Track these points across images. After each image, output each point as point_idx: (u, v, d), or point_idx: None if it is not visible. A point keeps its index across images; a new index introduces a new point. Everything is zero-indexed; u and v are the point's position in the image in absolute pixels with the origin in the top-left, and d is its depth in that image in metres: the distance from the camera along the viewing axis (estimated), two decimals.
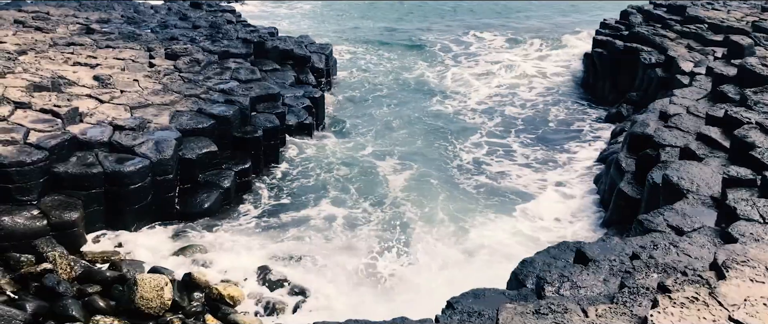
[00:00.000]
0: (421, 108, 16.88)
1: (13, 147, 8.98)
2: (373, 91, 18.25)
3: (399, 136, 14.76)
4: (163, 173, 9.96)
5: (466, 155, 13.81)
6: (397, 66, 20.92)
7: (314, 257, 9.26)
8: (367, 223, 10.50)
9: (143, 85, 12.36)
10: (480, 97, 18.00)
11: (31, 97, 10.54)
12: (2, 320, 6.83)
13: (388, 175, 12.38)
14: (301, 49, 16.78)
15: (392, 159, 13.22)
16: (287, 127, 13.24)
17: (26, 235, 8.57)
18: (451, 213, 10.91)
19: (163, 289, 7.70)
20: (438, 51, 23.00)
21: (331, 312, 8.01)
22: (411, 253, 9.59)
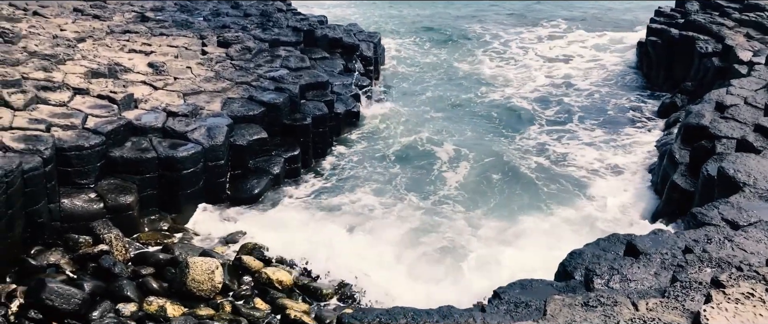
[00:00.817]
0: (473, 96, 16.75)
1: (72, 132, 9.28)
2: (422, 78, 18.18)
3: (450, 122, 14.70)
4: (214, 159, 10.16)
5: (520, 141, 13.72)
6: (447, 54, 20.77)
7: (362, 244, 9.32)
8: (418, 210, 10.53)
9: (196, 73, 12.60)
10: (533, 86, 17.75)
11: (89, 84, 10.86)
12: (62, 298, 7.09)
13: (439, 160, 12.43)
14: (349, 38, 16.83)
15: (445, 143, 13.23)
16: (335, 115, 13.33)
17: (84, 217, 8.87)
18: (505, 199, 10.88)
19: (214, 272, 7.88)
20: (488, 40, 22.73)
21: (377, 298, 8.08)
22: (461, 240, 9.58)
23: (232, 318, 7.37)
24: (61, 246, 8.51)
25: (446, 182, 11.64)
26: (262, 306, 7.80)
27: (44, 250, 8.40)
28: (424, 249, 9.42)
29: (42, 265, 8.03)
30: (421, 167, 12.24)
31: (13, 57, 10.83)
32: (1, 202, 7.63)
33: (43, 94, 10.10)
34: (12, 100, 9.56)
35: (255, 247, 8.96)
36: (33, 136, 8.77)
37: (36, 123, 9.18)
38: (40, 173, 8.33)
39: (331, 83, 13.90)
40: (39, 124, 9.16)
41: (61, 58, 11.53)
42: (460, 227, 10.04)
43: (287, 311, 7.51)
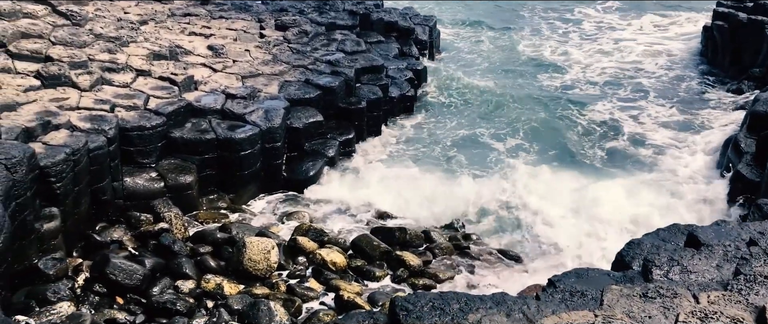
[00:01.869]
0: (533, 79, 16.54)
1: (134, 112, 9.54)
2: (479, 63, 17.97)
3: (510, 103, 14.55)
4: (271, 141, 10.31)
5: (588, 123, 13.55)
6: (506, 39, 20.45)
7: (417, 229, 9.34)
8: (473, 193, 10.50)
9: (254, 56, 12.78)
10: (597, 68, 17.41)
11: (151, 65, 11.13)
12: (125, 273, 7.33)
13: (500, 140, 12.35)
14: (405, 21, 16.78)
15: (505, 124, 13.13)
16: (390, 98, 13.35)
17: (145, 195, 9.14)
18: (568, 182, 10.78)
19: (270, 252, 8.03)
20: (550, 25, 22.34)
21: (432, 285, 8.09)
22: (518, 225, 9.53)
23: (286, 297, 7.50)
24: (124, 223, 8.79)
25: (508, 161, 11.60)
26: (316, 286, 7.92)
27: (108, 226, 8.69)
28: (481, 234, 9.40)
29: (106, 241, 8.30)
30: (480, 147, 12.20)
31: (80, 39, 11.18)
32: (68, 180, 7.92)
33: (107, 75, 10.41)
34: (79, 81, 9.89)
35: (310, 228, 9.07)
36: (98, 116, 9.06)
37: (101, 103, 9.47)
38: (104, 152, 8.61)
39: (386, 67, 13.91)
40: (104, 104, 9.45)
41: (124, 40, 11.85)
42: (521, 207, 10.00)
43: (340, 292, 7.61)
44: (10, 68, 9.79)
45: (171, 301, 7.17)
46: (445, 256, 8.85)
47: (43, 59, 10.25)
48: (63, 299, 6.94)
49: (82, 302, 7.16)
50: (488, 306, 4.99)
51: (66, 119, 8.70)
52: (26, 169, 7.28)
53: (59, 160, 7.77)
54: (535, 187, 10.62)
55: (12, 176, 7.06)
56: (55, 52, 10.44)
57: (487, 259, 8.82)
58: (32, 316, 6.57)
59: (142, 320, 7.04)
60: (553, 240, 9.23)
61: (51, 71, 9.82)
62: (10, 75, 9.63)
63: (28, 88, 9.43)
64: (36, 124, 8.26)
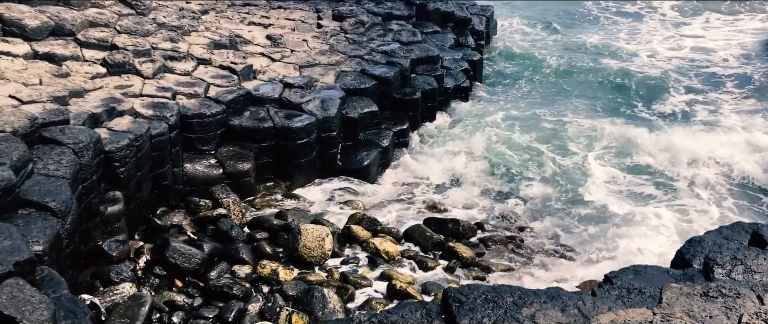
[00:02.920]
0: (595, 71, 16.16)
1: (195, 100, 9.77)
2: (539, 52, 17.70)
3: (572, 94, 14.35)
4: (327, 130, 10.41)
5: (658, 114, 13.25)
6: (567, 30, 20.09)
7: (471, 220, 9.30)
8: (530, 189, 10.41)
9: (311, 46, 12.91)
10: (666, 60, 16.98)
11: (211, 54, 11.37)
12: (184, 257, 7.54)
13: (562, 132, 12.16)
14: (461, 11, 16.65)
15: (566, 115, 12.95)
16: (445, 89, 13.29)
17: (205, 181, 9.36)
18: (631, 173, 10.59)
19: (324, 239, 8.13)
20: (611, 18, 21.84)
21: (484, 277, 8.07)
22: (575, 221, 9.40)
23: (340, 285, 7.58)
24: (184, 208, 9.02)
25: (573, 155, 11.42)
26: (369, 275, 7.98)
27: (168, 211, 8.94)
28: (535, 231, 9.31)
29: (166, 225, 8.54)
30: (542, 141, 12.03)
31: (144, 28, 11.49)
32: (131, 165, 8.18)
33: (169, 63, 10.68)
34: (142, 68, 10.18)
35: (364, 217, 9.14)
36: (160, 103, 9.31)
37: (163, 91, 9.72)
38: (166, 139, 8.85)
39: (441, 58, 13.86)
40: (165, 91, 9.70)
41: (186, 29, 12.12)
42: (579, 200, 9.86)
43: (393, 281, 7.66)
44: (78, 56, 10.14)
45: (228, 285, 7.34)
46: (499, 248, 8.80)
47: (109, 47, 10.59)
48: (125, 280, 7.16)
49: (143, 284, 7.38)
50: (542, 300, 4.95)
51: (130, 106, 8.96)
52: (92, 153, 7.55)
53: (123, 146, 8.03)
54: (595, 180, 10.46)
55: (79, 160, 7.33)
56: (120, 41, 10.76)
57: (541, 252, 8.73)
58: (96, 295, 6.81)
59: (199, 303, 7.22)
60: (611, 236, 9.06)
61: (116, 59, 10.13)
62: (78, 62, 9.98)
63: (95, 75, 9.76)
64: (102, 111, 8.55)
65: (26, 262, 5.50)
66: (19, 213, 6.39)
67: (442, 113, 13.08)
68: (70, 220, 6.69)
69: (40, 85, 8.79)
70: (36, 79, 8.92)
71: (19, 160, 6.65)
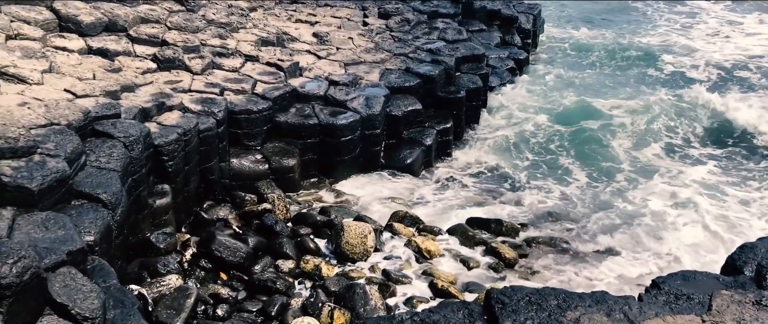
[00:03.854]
0: (645, 73, 15.86)
1: (242, 96, 9.90)
2: (585, 53, 17.43)
3: (620, 94, 14.08)
4: (371, 128, 10.45)
5: (712, 116, 12.94)
6: (615, 29, 19.74)
7: (514, 223, 9.23)
8: (578, 190, 10.26)
9: (357, 43, 12.96)
10: (720, 60, 16.56)
11: (258, 51, 11.51)
12: (229, 250, 7.66)
13: (605, 140, 11.96)
14: (508, 9, 16.51)
15: (614, 118, 12.74)
16: (490, 88, 13.20)
17: (250, 176, 9.49)
18: (684, 180, 10.37)
19: (367, 236, 8.16)
20: (662, 17, 21.38)
21: (527, 279, 8.00)
22: (626, 225, 9.24)
23: (382, 281, 7.61)
24: (229, 202, 9.16)
25: (617, 160, 11.22)
26: (411, 273, 7.98)
27: (214, 205, 9.09)
28: (584, 233, 9.18)
29: (212, 219, 8.69)
30: (584, 145, 11.85)
31: (194, 25, 11.70)
32: (179, 159, 8.34)
33: (218, 59, 10.85)
34: (192, 64, 10.37)
35: (406, 215, 9.15)
36: (208, 98, 9.47)
37: (211, 87, 9.88)
38: (213, 134, 9.00)
39: (487, 56, 13.76)
40: (214, 87, 9.86)
41: (234, 26, 12.30)
42: (629, 204, 9.68)
43: (435, 280, 7.65)
44: (130, 51, 10.38)
45: (271, 279, 7.43)
46: (544, 248, 8.70)
47: (160, 43, 10.81)
48: (172, 272, 7.31)
49: (189, 276, 7.53)
50: (587, 304, 4.88)
51: (179, 101, 9.14)
52: (142, 147, 7.72)
53: (172, 140, 8.19)
54: (647, 180, 10.30)
55: (129, 153, 7.51)
56: (170, 37, 10.98)
57: (588, 253, 8.61)
58: (144, 286, 6.96)
59: (243, 296, 7.33)
60: (662, 240, 8.88)
61: (166, 55, 10.34)
62: (129, 58, 10.22)
63: (146, 70, 9.98)
64: (152, 105, 8.73)
65: (78, 251, 5.67)
66: (72, 204, 6.58)
67: (486, 110, 13.01)
68: (120, 211, 6.86)
69: (94, 79, 9.02)
70: (90, 73, 9.16)
71: (73, 153, 6.84)
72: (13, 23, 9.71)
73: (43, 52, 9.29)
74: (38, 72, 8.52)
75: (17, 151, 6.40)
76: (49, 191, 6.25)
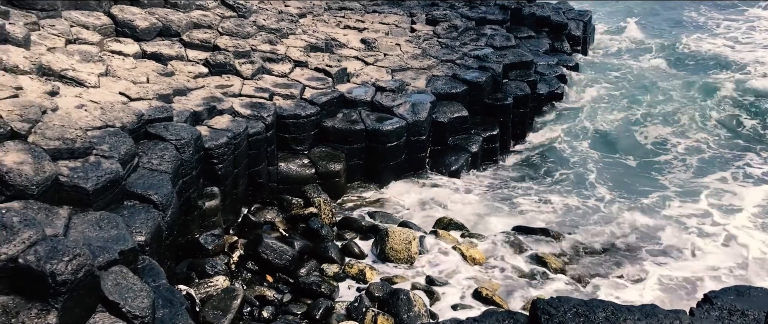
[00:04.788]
0: (704, 76, 15.43)
1: (291, 101, 10.03)
2: (638, 62, 17.10)
3: (670, 108, 13.74)
4: (417, 134, 10.45)
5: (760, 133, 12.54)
6: (669, 37, 19.31)
7: (560, 235, 9.10)
8: (626, 201, 10.06)
9: (404, 50, 13.00)
10: None
11: (307, 57, 11.64)
12: (276, 253, 7.74)
13: (656, 152, 11.67)
14: (558, 16, 16.33)
15: (658, 134, 12.44)
16: (538, 95, 13.06)
17: (297, 180, 9.59)
18: (741, 197, 10.08)
19: (411, 242, 8.16)
20: (717, 24, 20.84)
21: (573, 288, 7.88)
22: (676, 237, 9.02)
23: (426, 288, 7.59)
24: (277, 205, 9.28)
25: (664, 178, 10.91)
26: (455, 280, 7.94)
27: (262, 208, 9.21)
28: (634, 243, 9.01)
29: (259, 222, 8.79)
30: (630, 161, 11.57)
31: (245, 30, 11.90)
32: (229, 162, 8.48)
33: (267, 65, 11.02)
34: (242, 69, 10.55)
35: (451, 221, 9.12)
36: (258, 103, 9.61)
37: (261, 91, 10.04)
38: (262, 138, 9.13)
39: (535, 63, 13.63)
40: (263, 92, 10.01)
41: (284, 32, 12.47)
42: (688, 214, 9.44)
43: (479, 288, 7.60)
44: (182, 56, 10.62)
45: (316, 282, 7.49)
46: (593, 258, 8.55)
47: (212, 48, 11.03)
48: (219, 273, 7.43)
49: (236, 277, 7.64)
50: (637, 317, 4.78)
51: (229, 105, 9.30)
52: (193, 150, 7.88)
53: (222, 143, 8.34)
54: (701, 192, 10.05)
55: (180, 156, 7.67)
56: (222, 42, 11.19)
57: (639, 265, 8.42)
58: (192, 286, 7.09)
59: (288, 299, 7.40)
60: (716, 254, 8.65)
61: (218, 60, 10.55)
62: (182, 62, 10.45)
63: (198, 74, 10.19)
64: (203, 109, 8.91)
65: (130, 251, 5.81)
66: (125, 204, 6.75)
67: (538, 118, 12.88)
68: (171, 213, 7.01)
69: (147, 83, 9.26)
70: (144, 77, 9.41)
71: (126, 154, 7.03)
72: (73, 28, 10.04)
73: (100, 56, 9.57)
74: (95, 75, 8.78)
75: (74, 152, 6.60)
76: (103, 191, 6.43)
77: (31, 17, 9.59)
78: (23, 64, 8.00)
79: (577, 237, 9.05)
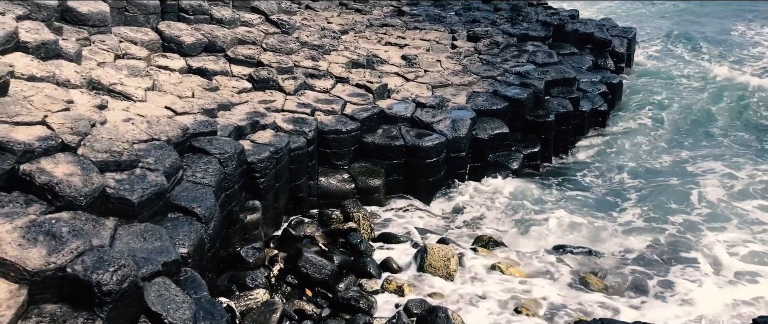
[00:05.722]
0: (746, 106, 15.00)
1: (332, 117, 10.12)
2: (683, 81, 16.77)
3: (715, 137, 13.38)
4: (456, 150, 10.44)
5: None
6: (715, 57, 18.89)
7: (601, 253, 8.96)
8: (668, 228, 9.80)
9: (445, 66, 13.02)
10: None
11: (349, 73, 11.75)
12: (315, 267, 7.79)
13: (697, 179, 11.30)
14: (601, 33, 16.17)
15: (704, 159, 12.09)
16: (580, 112, 12.93)
17: (337, 195, 9.65)
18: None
19: (450, 260, 8.12)
20: (760, 42, 20.35)
21: (615, 309, 7.74)
22: (718, 265, 8.77)
23: (464, 305, 7.53)
24: (316, 220, 9.34)
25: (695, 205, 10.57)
26: (495, 298, 7.86)
27: (302, 222, 9.28)
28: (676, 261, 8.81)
29: (300, 236, 8.86)
30: (668, 189, 11.22)
31: (288, 46, 12.08)
32: (271, 176, 8.59)
33: (310, 80, 11.15)
34: (285, 85, 10.70)
35: (490, 239, 9.05)
36: (300, 118, 9.73)
37: (303, 107, 10.16)
38: (303, 152, 9.23)
39: (578, 80, 13.50)
40: (305, 108, 10.13)
41: (326, 48, 12.62)
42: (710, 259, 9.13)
43: (519, 307, 7.51)
44: (227, 71, 10.83)
45: (355, 298, 7.49)
46: (637, 278, 8.38)
47: (255, 64, 11.22)
48: (259, 286, 7.50)
49: (276, 291, 7.70)
50: None
51: (272, 120, 9.44)
52: (236, 164, 8.01)
53: (264, 158, 8.46)
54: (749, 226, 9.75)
55: (224, 170, 7.80)
56: (265, 58, 11.38)
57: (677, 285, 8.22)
58: (232, 298, 7.17)
59: (327, 314, 7.41)
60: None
61: (261, 75, 10.72)
62: (227, 77, 10.65)
63: (241, 90, 10.37)
64: (246, 124, 9.05)
65: (173, 262, 5.92)
66: (168, 216, 6.88)
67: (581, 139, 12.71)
68: (213, 225, 7.12)
69: (193, 97, 9.46)
70: (189, 92, 9.61)
71: (171, 167, 7.17)
72: (122, 43, 10.33)
73: (148, 70, 9.82)
74: (142, 90, 9.01)
75: (121, 165, 6.77)
76: (148, 203, 6.56)
77: (83, 33, 9.90)
78: (74, 78, 8.25)
79: (619, 256, 8.88)
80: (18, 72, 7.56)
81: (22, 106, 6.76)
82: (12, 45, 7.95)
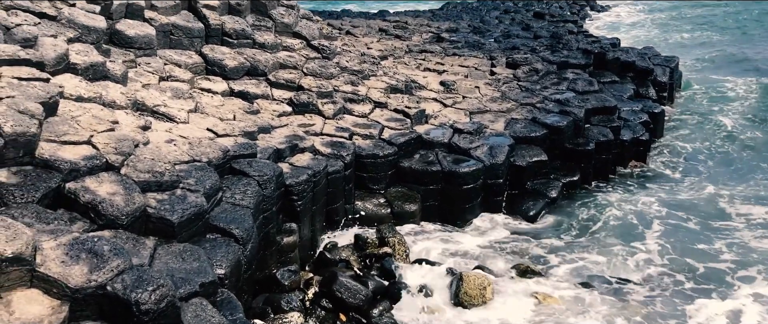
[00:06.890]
0: None
1: (370, 141, 10.18)
2: (727, 113, 16.40)
3: (760, 173, 13.03)
4: (494, 177, 10.38)
5: None
6: (762, 88, 18.47)
7: (639, 283, 8.78)
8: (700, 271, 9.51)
9: (483, 92, 13.00)
10: None
11: (387, 98, 11.82)
12: (350, 292, 7.78)
13: (733, 221, 10.94)
14: (643, 61, 15.99)
15: (742, 199, 11.70)
16: (621, 142, 12.75)
17: (373, 219, 9.67)
18: None
19: (486, 288, 8.04)
20: None
21: None
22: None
23: None
24: (352, 244, 9.35)
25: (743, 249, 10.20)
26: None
27: (337, 246, 9.30)
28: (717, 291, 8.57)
29: (335, 259, 8.88)
30: (711, 227, 10.85)
31: (328, 71, 12.22)
32: (308, 199, 8.65)
33: (349, 105, 11.25)
34: (324, 109, 10.81)
35: (528, 268, 8.94)
36: (338, 142, 9.80)
37: (341, 131, 10.24)
38: (341, 176, 9.28)
39: (619, 108, 13.34)
40: (343, 132, 10.21)
41: (366, 73, 12.73)
42: None
43: None
44: (268, 95, 10.99)
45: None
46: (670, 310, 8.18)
47: (296, 88, 11.37)
48: (294, 309, 7.51)
49: (310, 315, 7.70)
50: None
51: (310, 144, 9.52)
52: (274, 186, 8.08)
53: (302, 180, 8.53)
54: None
55: (262, 192, 7.88)
56: (306, 82, 11.52)
57: (718, 315, 8.00)
58: (267, 321, 7.20)
59: None
60: None
61: (301, 99, 10.85)
62: (268, 101, 10.81)
63: (282, 113, 10.51)
64: (285, 147, 9.15)
65: (210, 283, 5.97)
66: (207, 237, 6.96)
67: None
68: (250, 247, 7.18)
69: (234, 120, 9.61)
70: (230, 114, 9.77)
71: (211, 189, 7.28)
72: (166, 66, 10.57)
73: (191, 93, 10.02)
74: (185, 111, 9.18)
75: (162, 185, 6.89)
76: (188, 224, 6.66)
77: (130, 55, 10.17)
78: (120, 99, 8.46)
79: (657, 289, 8.65)
80: (67, 93, 7.79)
81: (69, 126, 6.95)
82: (62, 66, 8.21)
